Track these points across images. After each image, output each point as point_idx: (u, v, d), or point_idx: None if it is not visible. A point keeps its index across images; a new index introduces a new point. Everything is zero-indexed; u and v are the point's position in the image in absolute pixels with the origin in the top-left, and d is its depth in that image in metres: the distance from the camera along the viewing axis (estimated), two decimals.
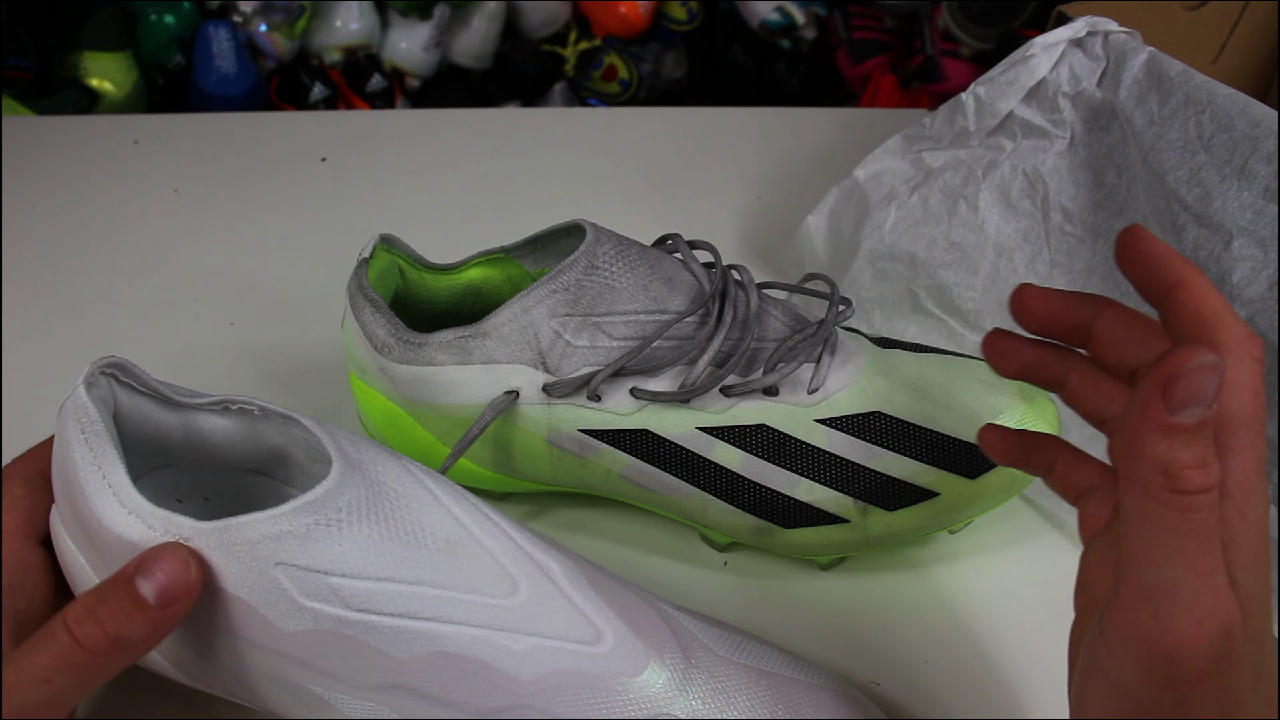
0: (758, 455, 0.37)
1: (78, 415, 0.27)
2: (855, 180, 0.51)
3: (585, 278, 0.36)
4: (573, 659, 0.28)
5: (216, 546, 0.26)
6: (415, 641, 0.27)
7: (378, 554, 0.26)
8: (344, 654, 0.26)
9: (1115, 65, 0.42)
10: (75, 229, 0.59)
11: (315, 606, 0.26)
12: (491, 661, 0.27)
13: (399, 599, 0.26)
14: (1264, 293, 0.37)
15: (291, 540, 0.26)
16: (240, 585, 0.26)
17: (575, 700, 0.27)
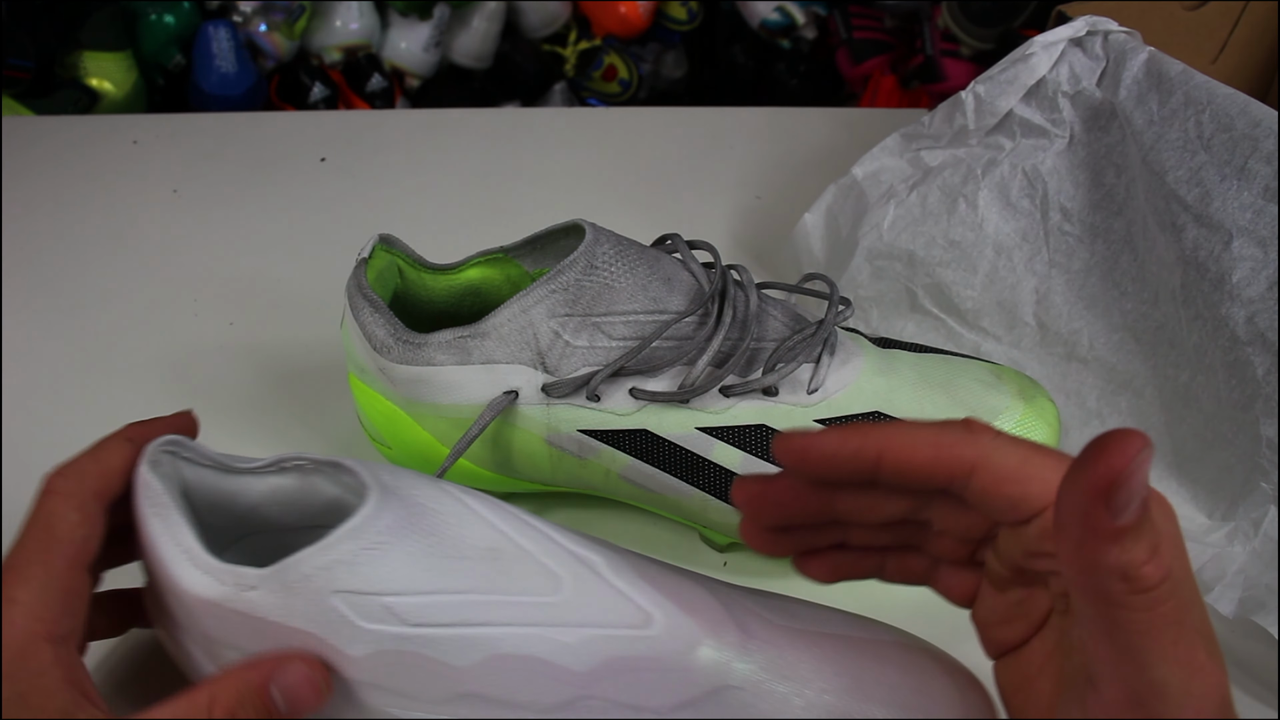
0: (757, 455, 0.37)
1: (146, 492, 0.29)
2: (853, 178, 0.50)
3: (584, 278, 0.36)
4: (625, 644, 0.28)
5: (280, 588, 0.27)
6: (472, 648, 0.28)
7: (423, 569, 0.28)
8: (410, 670, 0.28)
9: (1115, 65, 0.42)
10: (75, 229, 0.59)
11: (374, 628, 0.27)
12: (547, 657, 0.28)
13: (450, 608, 0.28)
14: (1264, 292, 0.37)
15: (342, 568, 0.27)
16: (307, 620, 0.27)
17: (634, 683, 0.28)
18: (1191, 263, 0.39)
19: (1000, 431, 0.25)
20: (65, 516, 0.28)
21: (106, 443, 0.30)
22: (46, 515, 0.28)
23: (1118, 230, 0.43)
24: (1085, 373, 0.44)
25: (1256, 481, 0.38)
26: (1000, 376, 0.39)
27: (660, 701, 0.28)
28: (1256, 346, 0.37)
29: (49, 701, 0.26)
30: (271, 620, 0.27)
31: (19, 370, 0.49)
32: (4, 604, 0.27)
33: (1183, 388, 0.41)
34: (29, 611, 0.27)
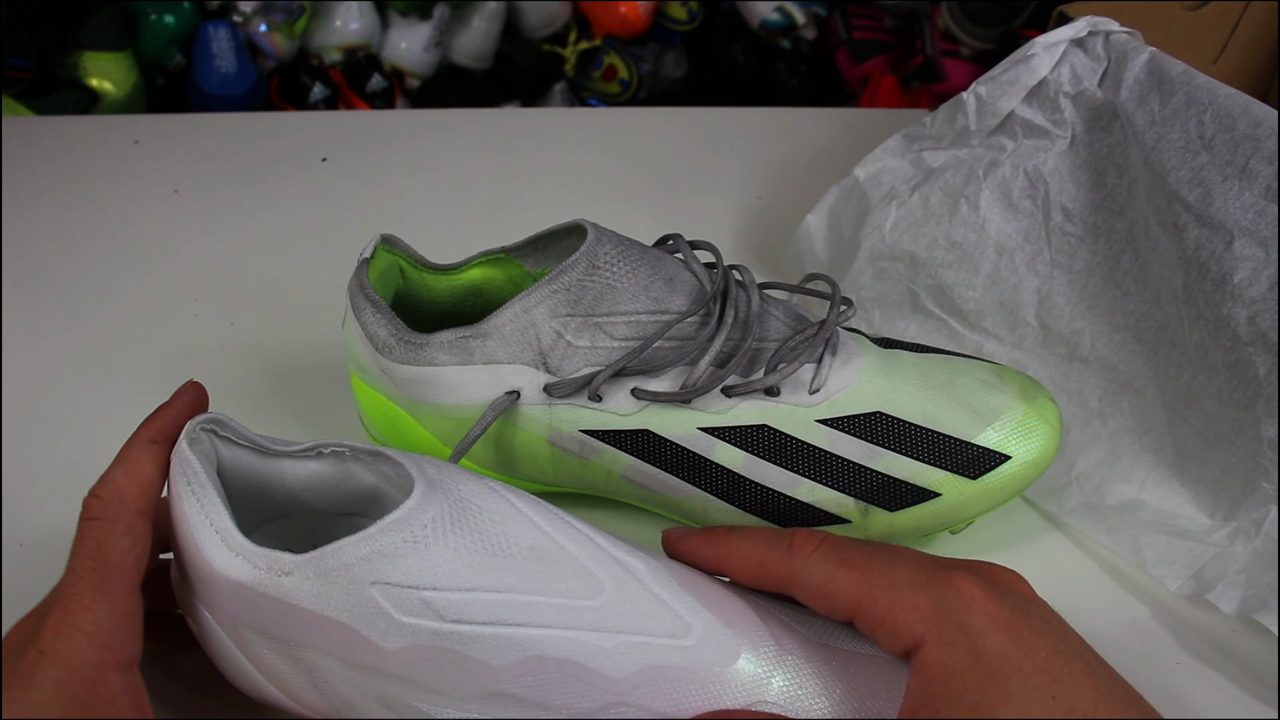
0: (759, 455, 0.37)
1: (183, 469, 0.29)
2: (855, 179, 0.50)
3: (586, 278, 0.36)
4: (663, 653, 0.28)
5: (316, 575, 0.27)
6: (509, 648, 0.27)
7: (465, 565, 0.28)
8: (443, 666, 0.27)
9: (1116, 65, 0.42)
10: (75, 229, 0.59)
11: (411, 621, 0.27)
12: (584, 661, 0.28)
13: (489, 607, 0.28)
14: (1265, 293, 0.37)
15: (382, 559, 0.27)
16: (342, 609, 0.27)
17: (670, 693, 0.28)
18: (1193, 263, 0.39)
19: (819, 548, 0.28)
20: (117, 543, 0.28)
21: (133, 452, 0.30)
22: (97, 544, 0.28)
23: (1119, 231, 0.43)
24: (1087, 373, 0.44)
25: (1258, 481, 0.38)
26: (1002, 377, 0.39)
27: (695, 713, 0.28)
28: (1258, 347, 0.37)
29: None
30: (304, 607, 0.27)
31: (19, 370, 0.49)
32: (69, 632, 0.26)
33: (1184, 388, 0.41)
34: (95, 641, 0.26)
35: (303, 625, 0.28)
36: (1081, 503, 0.42)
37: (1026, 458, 0.37)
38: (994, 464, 0.37)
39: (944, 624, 0.25)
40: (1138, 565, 0.40)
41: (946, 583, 0.26)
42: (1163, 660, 0.38)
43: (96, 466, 0.42)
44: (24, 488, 0.43)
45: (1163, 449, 0.42)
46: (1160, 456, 0.41)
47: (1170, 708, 0.36)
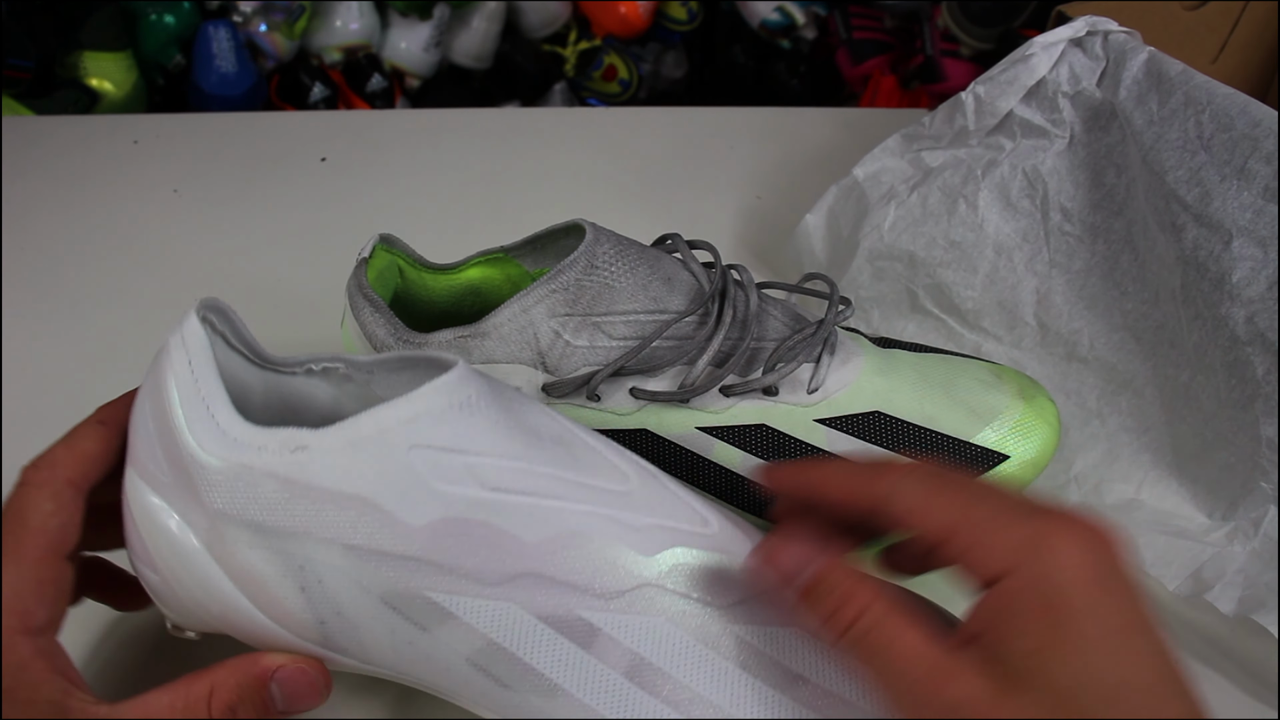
0: (757, 455, 0.37)
1: (188, 343, 0.28)
2: (854, 179, 0.51)
3: (585, 277, 0.36)
4: (688, 538, 0.29)
5: (342, 445, 0.26)
6: (544, 522, 0.27)
7: (506, 437, 0.27)
8: (473, 543, 0.27)
9: (1115, 65, 0.42)
10: (75, 229, 0.59)
11: (449, 489, 0.26)
12: (616, 537, 0.28)
13: (529, 478, 0.27)
14: (1264, 292, 0.37)
15: (427, 421, 0.26)
16: (367, 481, 0.26)
17: (700, 576, 0.29)
18: (1192, 263, 0.39)
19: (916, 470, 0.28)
20: (38, 506, 0.28)
21: (79, 429, 0.30)
22: (18, 506, 0.28)
23: (1118, 230, 0.43)
24: (1085, 372, 0.44)
25: (1256, 481, 0.38)
26: (1000, 376, 0.39)
27: (719, 597, 0.29)
28: (1256, 346, 0.37)
29: (37, 694, 0.26)
30: (318, 485, 0.26)
31: (19, 370, 0.49)
32: None
33: (1183, 387, 0.41)
34: (4, 606, 0.26)
35: (312, 508, 0.26)
36: (1080, 502, 0.42)
37: (1025, 457, 0.37)
38: (992, 463, 0.37)
39: (1033, 562, 0.24)
40: (1136, 565, 0.40)
41: (1046, 523, 0.25)
42: None
43: None
44: None
45: (1161, 449, 0.42)
46: (1158, 456, 0.41)
47: None
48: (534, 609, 0.27)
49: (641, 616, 0.28)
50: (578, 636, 0.27)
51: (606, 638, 0.27)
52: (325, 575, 0.27)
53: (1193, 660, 0.37)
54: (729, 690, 0.28)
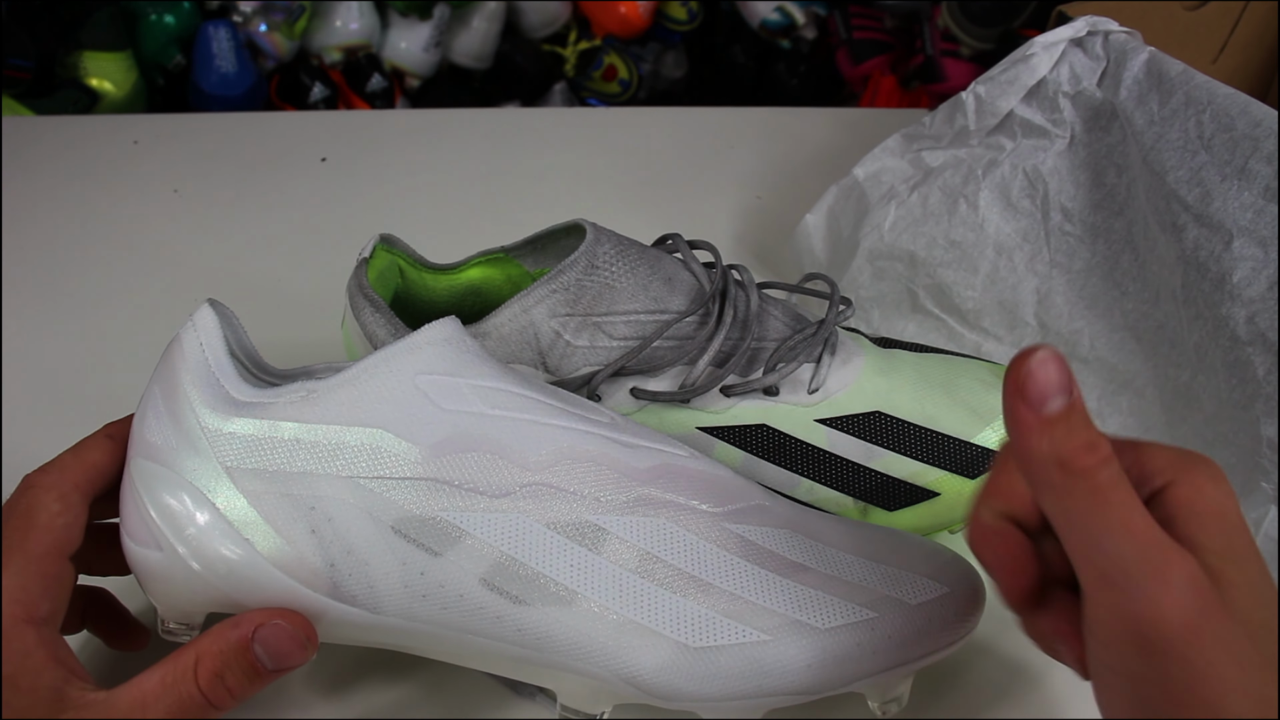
0: (758, 455, 0.37)
1: (200, 327, 0.30)
2: (854, 179, 0.51)
3: (585, 278, 0.36)
4: (673, 459, 0.31)
5: (349, 384, 0.29)
6: (544, 440, 0.30)
7: (502, 373, 0.31)
8: (480, 457, 0.29)
9: (1115, 65, 0.42)
10: (75, 229, 0.59)
11: (456, 409, 0.29)
12: (610, 453, 0.30)
13: (526, 404, 0.30)
14: (1264, 292, 0.37)
15: (431, 352, 0.29)
16: (377, 411, 0.28)
17: (689, 486, 0.31)
18: (1192, 263, 0.39)
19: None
20: (45, 505, 0.28)
21: (87, 440, 0.31)
22: (26, 506, 0.29)
23: (1118, 230, 0.43)
24: (1086, 372, 0.44)
25: (1257, 481, 0.38)
26: (1001, 376, 0.39)
27: (712, 505, 0.31)
28: (1257, 346, 0.37)
29: (38, 680, 0.26)
30: (326, 422, 0.28)
31: (19, 370, 0.49)
32: None
33: (1183, 387, 0.41)
34: (7, 596, 0.27)
35: (321, 449, 0.28)
36: None
37: None
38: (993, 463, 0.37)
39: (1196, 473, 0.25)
40: None
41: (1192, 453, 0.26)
42: None
43: None
44: None
45: None
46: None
47: None
48: (543, 518, 0.29)
49: (646, 518, 0.30)
50: (588, 540, 0.29)
51: (615, 538, 0.29)
52: (335, 512, 0.28)
53: None
54: (736, 577, 0.30)
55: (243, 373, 0.31)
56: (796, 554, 0.31)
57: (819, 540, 0.31)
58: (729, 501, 0.31)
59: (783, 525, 0.31)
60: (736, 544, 0.30)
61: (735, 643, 0.29)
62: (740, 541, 0.30)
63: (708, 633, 0.29)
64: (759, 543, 0.31)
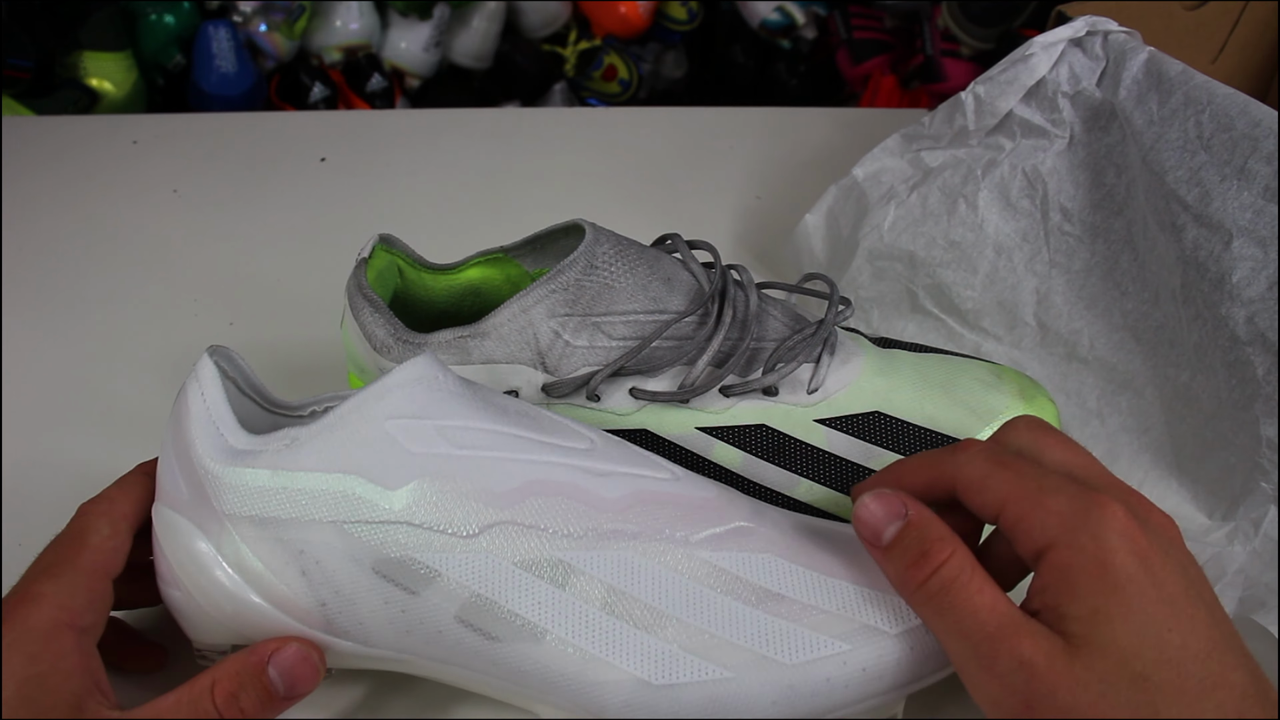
0: (757, 455, 0.37)
1: (199, 376, 0.31)
2: (854, 179, 0.50)
3: (584, 278, 0.36)
4: (650, 484, 0.31)
5: (328, 429, 0.29)
6: (513, 473, 0.30)
7: (474, 409, 0.31)
8: (447, 498, 0.29)
9: (1115, 65, 0.42)
10: (75, 229, 0.59)
11: (423, 451, 0.29)
12: (581, 483, 0.30)
13: (495, 439, 0.30)
14: (1264, 292, 0.37)
15: (399, 395, 0.30)
16: (351, 458, 0.29)
17: (662, 514, 0.31)
18: (1192, 263, 0.39)
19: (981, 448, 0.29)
20: (98, 529, 0.31)
21: (129, 476, 0.33)
22: (79, 528, 0.31)
23: (1118, 230, 0.43)
24: (1086, 373, 0.44)
25: (1257, 481, 0.38)
26: (1000, 376, 0.39)
27: (686, 532, 0.30)
28: (1256, 346, 0.37)
29: (66, 684, 0.27)
30: (306, 469, 0.29)
31: (19, 370, 0.49)
32: (31, 597, 0.28)
33: (1183, 387, 0.41)
34: (54, 602, 0.28)
35: (304, 494, 0.29)
36: None
37: None
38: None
39: (1079, 531, 0.25)
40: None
41: (1092, 498, 0.26)
42: None
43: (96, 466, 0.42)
44: (24, 488, 0.43)
45: (1161, 449, 0.42)
46: (1159, 456, 0.41)
47: None
48: (512, 557, 0.29)
49: (611, 551, 0.30)
50: (556, 577, 0.29)
51: (583, 575, 0.29)
52: (322, 555, 0.29)
53: None
54: (704, 611, 0.29)
55: (249, 411, 0.33)
56: (773, 580, 0.30)
57: (799, 563, 0.31)
58: (708, 525, 0.31)
59: (763, 549, 0.31)
60: (709, 574, 0.30)
61: (697, 680, 0.29)
62: (713, 571, 0.30)
63: (670, 670, 0.29)
64: (734, 570, 0.30)
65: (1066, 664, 0.24)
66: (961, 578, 0.26)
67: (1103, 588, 0.25)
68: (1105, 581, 0.25)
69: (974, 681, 0.26)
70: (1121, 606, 0.24)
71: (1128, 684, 0.24)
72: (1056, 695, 0.24)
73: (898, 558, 0.28)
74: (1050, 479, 0.27)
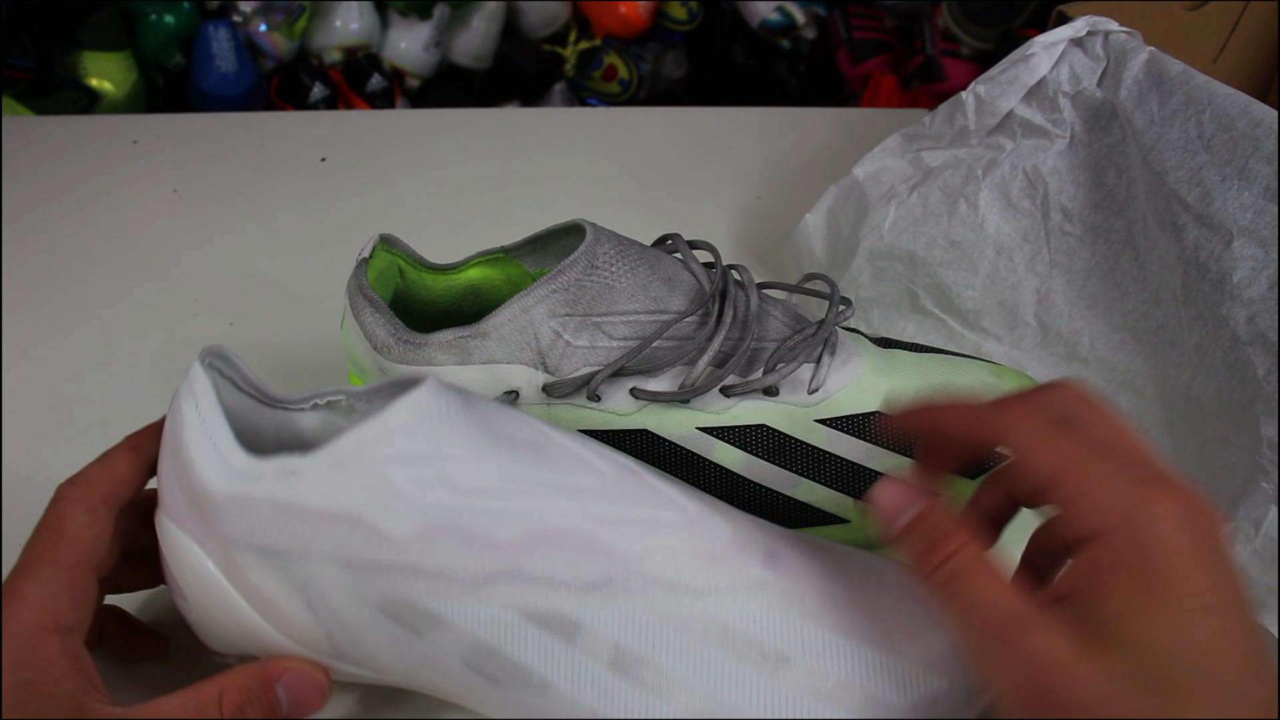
0: (758, 455, 0.37)
1: (192, 389, 0.30)
2: (854, 179, 0.50)
3: (585, 278, 0.36)
4: (661, 529, 0.30)
5: (328, 466, 0.28)
6: (518, 521, 0.28)
7: (479, 447, 0.29)
8: (451, 546, 0.28)
9: (1115, 65, 0.42)
10: (75, 229, 0.59)
11: (424, 498, 0.28)
12: (588, 531, 0.29)
13: (500, 479, 0.29)
14: (1265, 292, 0.37)
15: (400, 434, 0.28)
16: (352, 497, 0.28)
17: (673, 564, 0.29)
18: (1192, 263, 0.39)
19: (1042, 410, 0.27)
20: (74, 518, 0.29)
21: (112, 453, 0.31)
22: (56, 517, 0.30)
23: (1118, 230, 0.43)
24: (1086, 373, 0.44)
25: (1257, 481, 0.38)
26: (1001, 376, 0.39)
27: (696, 583, 0.29)
28: (1257, 346, 0.37)
29: (58, 688, 0.27)
30: (311, 506, 0.28)
31: (19, 370, 0.49)
32: (11, 598, 0.28)
33: (1183, 387, 0.41)
34: (36, 604, 0.28)
35: (306, 529, 0.28)
36: None
37: None
38: (993, 463, 0.37)
39: (1134, 524, 0.24)
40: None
41: (1150, 491, 0.25)
42: None
43: None
44: (24, 488, 0.43)
45: (1162, 449, 0.41)
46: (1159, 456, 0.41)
47: None
48: (518, 607, 0.28)
49: (620, 607, 0.29)
50: (561, 631, 0.28)
51: (588, 631, 0.28)
52: (327, 591, 0.29)
53: None
54: (710, 673, 0.28)
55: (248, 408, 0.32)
56: (783, 641, 0.29)
57: (812, 619, 0.30)
58: (721, 575, 0.30)
59: (776, 603, 0.30)
60: (717, 633, 0.29)
61: None
62: (721, 630, 0.29)
63: None
64: (745, 629, 0.29)
65: (1080, 660, 0.24)
66: (970, 568, 0.26)
67: (1144, 587, 0.24)
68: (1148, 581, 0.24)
69: (984, 673, 0.26)
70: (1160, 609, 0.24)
71: (1148, 688, 0.23)
72: (1066, 691, 0.23)
73: (909, 546, 0.28)
74: (1106, 462, 0.26)
